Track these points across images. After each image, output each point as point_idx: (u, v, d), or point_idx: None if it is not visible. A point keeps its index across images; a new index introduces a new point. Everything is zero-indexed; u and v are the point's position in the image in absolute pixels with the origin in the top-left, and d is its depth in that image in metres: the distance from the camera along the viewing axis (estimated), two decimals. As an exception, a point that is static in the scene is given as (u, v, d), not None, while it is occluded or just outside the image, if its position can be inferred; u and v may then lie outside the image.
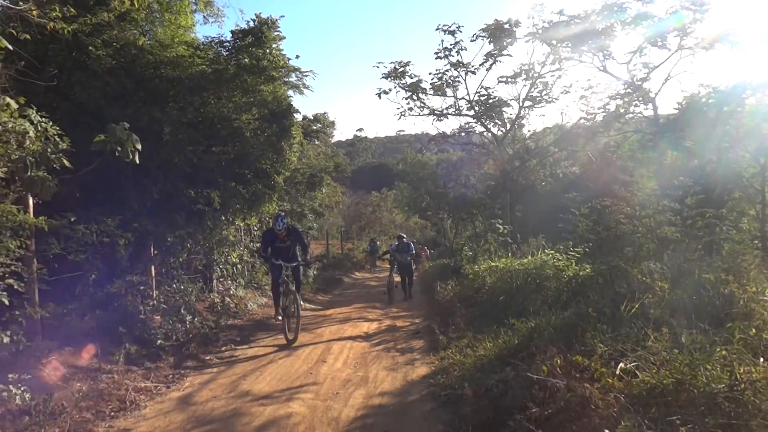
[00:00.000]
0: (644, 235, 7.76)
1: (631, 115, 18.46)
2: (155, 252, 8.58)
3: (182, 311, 8.01)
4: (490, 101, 20.39)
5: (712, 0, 15.87)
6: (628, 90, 17.79)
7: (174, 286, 8.61)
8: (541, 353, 4.59)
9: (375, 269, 27.30)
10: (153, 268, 8.45)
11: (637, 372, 3.62)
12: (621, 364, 3.75)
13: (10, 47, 5.03)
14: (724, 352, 3.54)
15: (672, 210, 7.62)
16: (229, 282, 11.24)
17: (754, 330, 3.96)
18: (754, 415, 2.90)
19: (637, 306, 4.98)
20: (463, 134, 22.38)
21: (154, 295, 8.14)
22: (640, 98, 17.76)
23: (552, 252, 9.35)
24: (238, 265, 11.65)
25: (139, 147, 5.89)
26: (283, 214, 8.67)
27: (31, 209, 5.70)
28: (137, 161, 5.90)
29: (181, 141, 8.70)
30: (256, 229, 12.94)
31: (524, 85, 20.23)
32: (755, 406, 2.94)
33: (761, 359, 3.42)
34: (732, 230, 7.09)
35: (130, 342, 6.59)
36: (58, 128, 5.48)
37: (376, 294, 15.42)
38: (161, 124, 8.41)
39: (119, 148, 5.70)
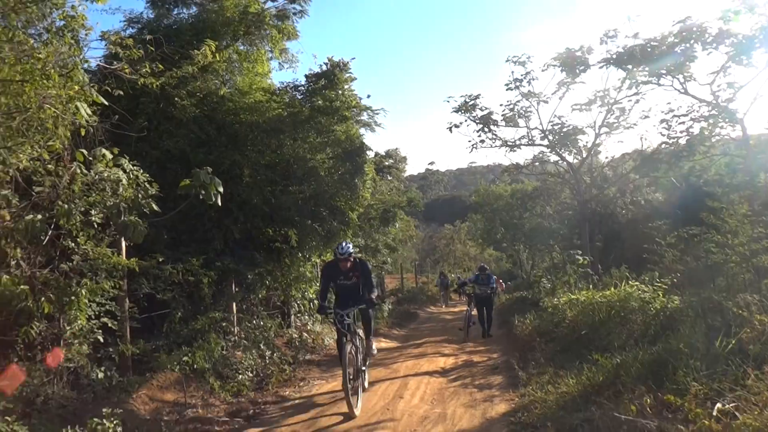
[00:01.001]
0: (738, 265, 7.26)
1: (717, 138, 17.47)
2: (236, 289, 8.90)
3: (262, 346, 8.22)
4: (564, 130, 19.88)
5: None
6: (713, 112, 16.88)
7: (254, 322, 8.89)
8: (629, 391, 4.36)
9: (449, 303, 26.93)
10: (234, 304, 8.74)
11: (736, 413, 3.36)
12: (718, 405, 3.49)
13: (106, 103, 5.45)
14: (836, 393, 3.23)
15: (768, 236, 7.12)
16: (307, 317, 11.44)
17: None
18: None
19: (734, 342, 4.64)
20: (537, 164, 21.95)
21: (236, 330, 8.42)
22: (727, 119, 16.80)
23: (636, 283, 8.90)
24: (315, 301, 11.84)
25: (221, 189, 6.16)
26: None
27: (123, 251, 6.09)
28: (219, 203, 6.18)
29: (260, 182, 9.11)
30: (332, 264, 13.12)
31: (599, 112, 19.60)
32: None
33: None
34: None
35: (213, 377, 6.80)
36: (147, 175, 5.84)
37: (452, 329, 15.17)
38: (241, 166, 8.85)
39: (203, 192, 5.99)
